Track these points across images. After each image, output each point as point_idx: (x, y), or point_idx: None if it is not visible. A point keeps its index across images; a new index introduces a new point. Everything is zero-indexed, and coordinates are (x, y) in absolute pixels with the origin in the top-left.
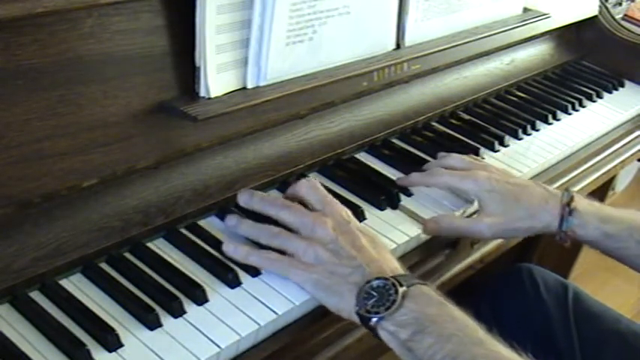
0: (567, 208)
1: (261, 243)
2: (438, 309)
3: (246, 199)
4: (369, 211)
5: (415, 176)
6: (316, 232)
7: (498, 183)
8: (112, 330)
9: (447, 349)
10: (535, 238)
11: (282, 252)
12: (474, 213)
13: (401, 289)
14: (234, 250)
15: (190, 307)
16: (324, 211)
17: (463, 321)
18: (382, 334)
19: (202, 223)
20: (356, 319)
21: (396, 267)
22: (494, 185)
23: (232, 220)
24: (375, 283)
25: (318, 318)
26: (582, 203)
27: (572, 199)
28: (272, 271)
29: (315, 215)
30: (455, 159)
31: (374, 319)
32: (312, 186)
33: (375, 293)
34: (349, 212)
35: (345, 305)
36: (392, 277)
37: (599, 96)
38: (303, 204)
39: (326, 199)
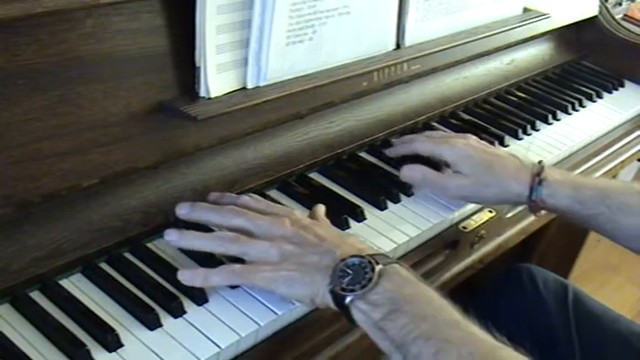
0: (537, 178)
1: (214, 254)
2: (414, 289)
3: (186, 211)
4: (369, 211)
5: (398, 147)
6: (275, 231)
7: (475, 150)
8: (112, 330)
9: (421, 329)
10: (535, 239)
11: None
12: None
13: (377, 267)
14: (191, 276)
15: (190, 307)
16: (276, 213)
17: (439, 302)
18: (355, 314)
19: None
20: (329, 299)
21: (365, 247)
22: (470, 152)
23: (172, 234)
24: (350, 260)
25: (318, 317)
26: (553, 173)
27: (542, 169)
28: (239, 283)
29: (269, 217)
30: (436, 132)
31: (348, 298)
32: (256, 198)
33: (350, 271)
34: (300, 212)
35: (319, 289)
36: (368, 255)
37: (599, 96)
38: None
39: (274, 204)
